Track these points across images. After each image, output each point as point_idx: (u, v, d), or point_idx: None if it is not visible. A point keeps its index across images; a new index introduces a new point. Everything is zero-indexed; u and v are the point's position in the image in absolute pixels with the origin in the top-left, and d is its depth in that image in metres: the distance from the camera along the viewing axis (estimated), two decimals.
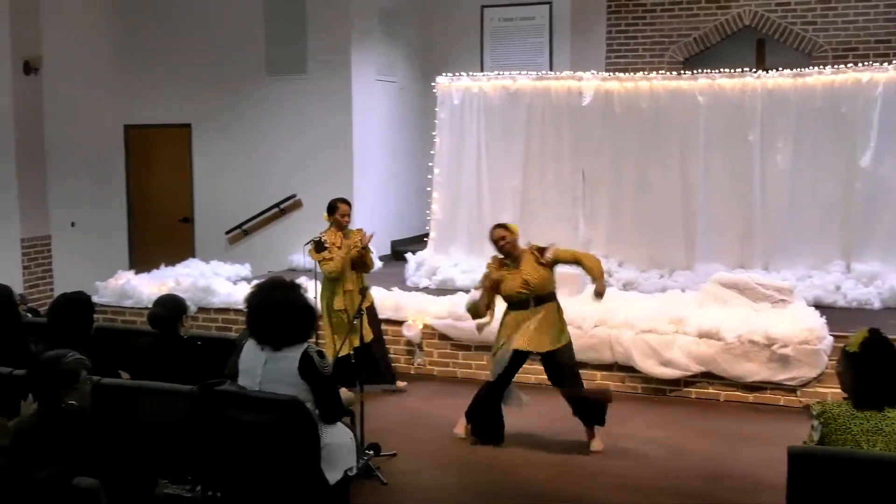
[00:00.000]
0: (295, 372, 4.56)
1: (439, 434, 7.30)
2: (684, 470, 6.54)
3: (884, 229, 9.94)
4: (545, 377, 7.02)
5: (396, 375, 8.70)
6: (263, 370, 4.63)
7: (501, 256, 7.01)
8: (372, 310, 8.41)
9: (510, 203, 11.18)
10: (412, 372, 9.10)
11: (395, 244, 12.95)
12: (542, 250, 6.91)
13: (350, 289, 8.11)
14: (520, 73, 11.37)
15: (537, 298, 6.88)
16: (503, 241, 6.97)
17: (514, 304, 6.93)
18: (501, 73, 11.62)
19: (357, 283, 8.12)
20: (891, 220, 9.94)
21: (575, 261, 7.04)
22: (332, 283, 8.14)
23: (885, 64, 10.24)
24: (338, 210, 8.23)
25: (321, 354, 4.64)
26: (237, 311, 9.70)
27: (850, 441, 4.04)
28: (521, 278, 6.85)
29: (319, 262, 8.07)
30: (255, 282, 5.15)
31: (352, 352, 7.35)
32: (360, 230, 8.21)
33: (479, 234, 11.21)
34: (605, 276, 7.46)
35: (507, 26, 13.88)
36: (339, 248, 8.07)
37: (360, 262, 8.17)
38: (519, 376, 7.01)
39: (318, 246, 8.06)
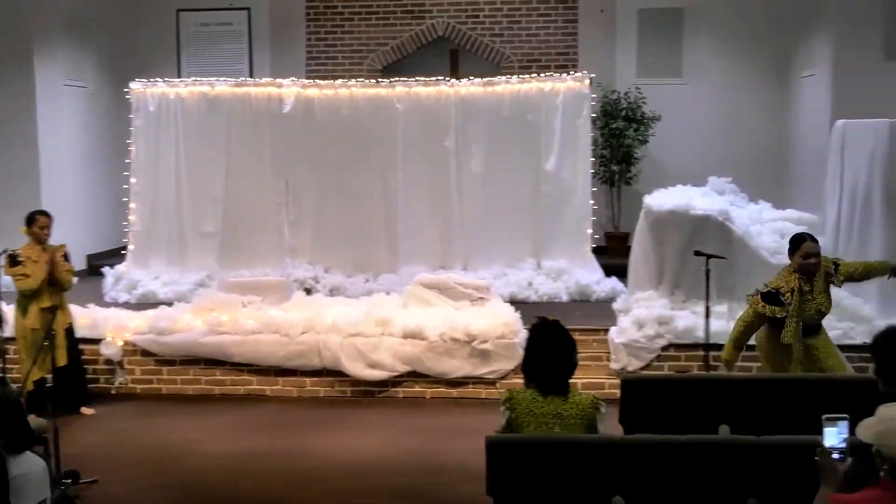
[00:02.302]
0: None
1: (147, 455, 7.02)
2: (396, 468, 6.70)
3: (567, 228, 10.69)
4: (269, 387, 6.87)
5: (89, 398, 8.27)
6: None
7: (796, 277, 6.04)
8: (71, 331, 8.03)
9: (212, 212, 10.99)
10: (113, 392, 8.67)
11: (91, 258, 12.26)
12: (836, 265, 6.14)
13: (48, 306, 7.66)
14: (218, 80, 11.18)
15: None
16: (816, 257, 6.05)
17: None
18: (199, 79, 11.36)
19: (56, 300, 7.68)
20: (572, 219, 10.71)
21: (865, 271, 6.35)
22: (26, 301, 7.63)
23: (564, 74, 11.05)
24: (36, 222, 7.79)
25: (3, 381, 4.31)
26: None
27: (534, 423, 4.34)
28: (815, 305, 6.08)
29: (14, 277, 7.60)
30: None
31: (48, 375, 6.89)
32: (63, 245, 7.88)
33: (180, 245, 10.97)
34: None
35: (204, 31, 13.58)
36: (37, 262, 7.62)
37: (57, 279, 7.74)
38: (243, 386, 6.81)
39: (13, 260, 7.57)
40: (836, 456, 3.25)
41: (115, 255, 11.86)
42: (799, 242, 6.11)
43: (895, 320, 6.81)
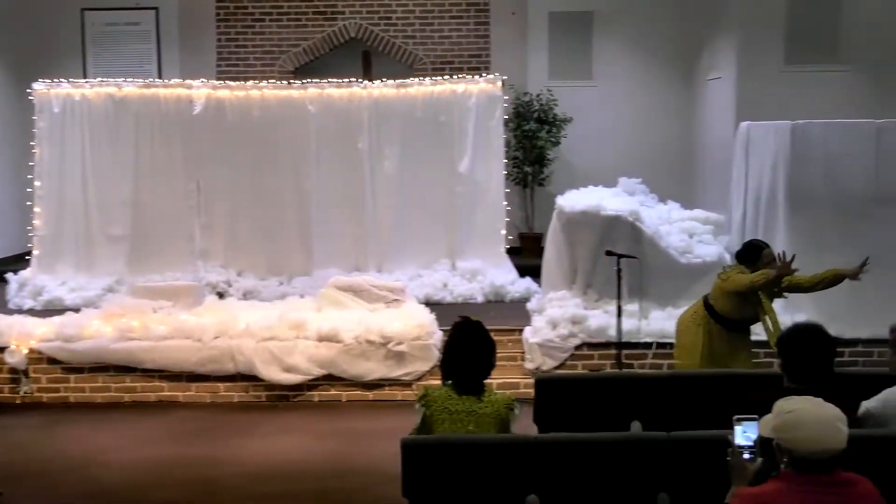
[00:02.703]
0: None
1: (54, 466, 6.83)
2: (312, 472, 6.65)
3: (482, 229, 10.76)
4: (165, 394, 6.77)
5: None
6: None
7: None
8: None
9: (120, 215, 10.78)
10: (18, 402, 8.41)
11: None
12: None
13: None
14: (126, 81, 10.95)
15: None
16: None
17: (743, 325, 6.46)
18: (106, 80, 11.11)
19: None
20: (486, 220, 10.79)
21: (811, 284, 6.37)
22: None
23: (477, 76, 11.12)
24: None
25: None
26: None
27: (448, 420, 4.39)
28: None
29: None
30: None
31: None
32: None
33: (87, 249, 10.73)
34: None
35: (111, 31, 13.29)
36: None
37: None
38: (154, 393, 6.68)
39: None
40: (746, 456, 3.29)
41: (20, 260, 11.54)
42: (759, 250, 6.33)
43: (800, 318, 7.03)
